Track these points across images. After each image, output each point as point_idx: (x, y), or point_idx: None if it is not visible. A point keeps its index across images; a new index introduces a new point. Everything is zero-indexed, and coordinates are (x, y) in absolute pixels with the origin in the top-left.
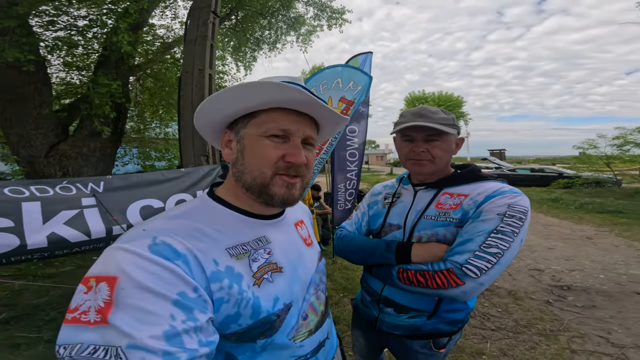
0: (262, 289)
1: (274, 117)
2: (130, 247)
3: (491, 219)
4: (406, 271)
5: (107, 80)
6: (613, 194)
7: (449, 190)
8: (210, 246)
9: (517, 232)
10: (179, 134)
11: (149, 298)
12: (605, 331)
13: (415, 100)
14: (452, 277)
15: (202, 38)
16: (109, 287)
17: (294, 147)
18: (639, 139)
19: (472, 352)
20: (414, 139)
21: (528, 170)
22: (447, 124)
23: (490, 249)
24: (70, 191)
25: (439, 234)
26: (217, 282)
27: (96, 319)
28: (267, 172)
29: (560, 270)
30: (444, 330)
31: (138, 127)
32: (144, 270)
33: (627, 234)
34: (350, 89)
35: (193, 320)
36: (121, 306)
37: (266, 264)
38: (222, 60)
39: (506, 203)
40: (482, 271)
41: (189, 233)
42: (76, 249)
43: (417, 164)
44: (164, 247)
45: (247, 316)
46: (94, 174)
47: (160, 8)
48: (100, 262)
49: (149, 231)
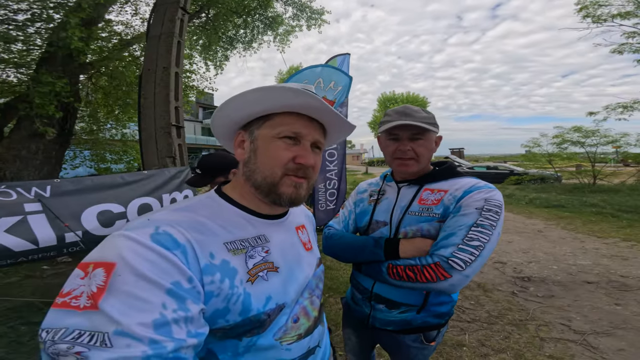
0: (255, 287)
1: (288, 120)
2: (132, 235)
3: (470, 213)
4: (396, 267)
5: (52, 79)
6: (555, 190)
7: (429, 187)
8: (209, 239)
9: (494, 225)
10: (140, 135)
11: (143, 285)
12: (566, 319)
13: (386, 100)
14: (439, 270)
15: (168, 35)
16: (106, 272)
17: (304, 150)
18: (574, 138)
19: (453, 344)
20: (400, 138)
21: (484, 168)
22: (429, 123)
23: (472, 242)
24: (10, 196)
25: (424, 229)
26: (209, 276)
27: (86, 304)
28: (278, 171)
29: (519, 262)
30: (433, 323)
31: (90, 127)
32: (143, 257)
33: (571, 227)
34: (331, 89)
35: (184, 310)
36: (114, 292)
37: (263, 262)
38: (190, 58)
39: (483, 198)
40: (467, 264)
41: (191, 225)
42: (22, 259)
43: (403, 164)
44: (165, 237)
45: (236, 312)
46: (37, 178)
47: (119, 3)
48: (101, 247)
49: (153, 221)
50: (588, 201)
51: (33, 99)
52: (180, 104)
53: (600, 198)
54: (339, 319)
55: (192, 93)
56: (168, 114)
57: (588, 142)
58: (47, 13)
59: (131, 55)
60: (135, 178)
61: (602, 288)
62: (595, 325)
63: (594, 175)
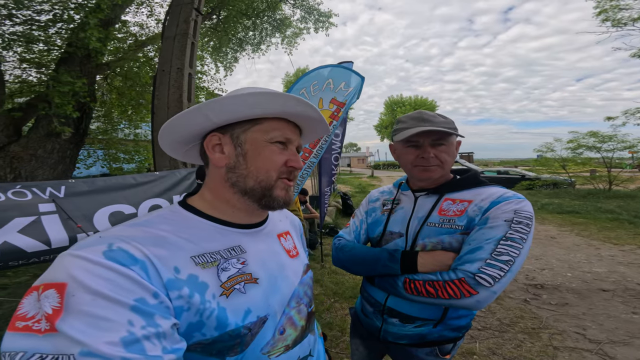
0: (231, 300)
1: (278, 125)
2: (81, 254)
3: (499, 225)
4: (413, 281)
5: (71, 78)
6: (569, 195)
7: (450, 196)
8: (171, 253)
9: (525, 238)
10: (152, 136)
11: (103, 304)
12: (581, 327)
13: (393, 104)
14: (464, 286)
15: (182, 35)
16: (59, 294)
17: (294, 154)
18: (590, 143)
19: (463, 352)
20: (421, 145)
21: (495, 173)
22: (451, 127)
23: (502, 257)
24: (25, 196)
25: (445, 242)
26: (176, 290)
27: (46, 327)
28: (274, 175)
29: (532, 269)
30: (449, 337)
31: (105, 127)
32: (96, 276)
33: (585, 234)
34: (341, 90)
35: (154, 326)
36: (72, 313)
37: (239, 274)
38: (201, 60)
39: (512, 209)
40: (496, 280)
41: (149, 240)
42: (34, 259)
43: (426, 170)
44: (120, 253)
45: (212, 327)
46: (51, 177)
47: (135, 4)
48: (50, 269)
49: (106, 238)
50: (603, 207)
51: (53, 99)
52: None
53: (616, 204)
54: (344, 324)
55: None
56: None
57: (604, 147)
58: (69, 14)
59: (145, 56)
60: (147, 179)
61: (619, 296)
62: (612, 334)
63: (610, 181)
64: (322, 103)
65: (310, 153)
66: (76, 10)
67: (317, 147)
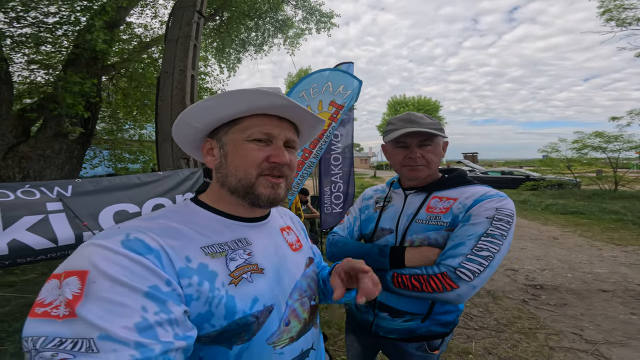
0: (239, 289)
1: (257, 122)
2: (102, 243)
3: (481, 222)
4: (400, 276)
5: (80, 79)
6: (573, 196)
7: (438, 194)
8: (183, 244)
9: (505, 235)
10: (156, 136)
11: (120, 290)
12: (578, 328)
13: (396, 104)
14: (446, 280)
15: (184, 38)
16: (80, 280)
17: (277, 149)
18: (595, 143)
19: (459, 352)
20: (409, 145)
21: (499, 173)
22: (436, 128)
23: (482, 252)
24: (34, 195)
25: (431, 238)
26: (187, 278)
27: (64, 313)
28: (253, 172)
29: (532, 269)
30: (437, 332)
31: (111, 128)
32: (115, 263)
33: (588, 234)
34: (340, 93)
35: (166, 313)
36: (92, 299)
37: (245, 264)
38: (205, 61)
39: (494, 207)
40: (475, 274)
41: (163, 231)
42: (41, 257)
43: (413, 169)
44: (136, 243)
45: (221, 316)
46: (58, 177)
47: (139, 6)
48: (71, 257)
49: (124, 229)
50: (608, 208)
51: (63, 99)
52: None
53: (622, 205)
54: (341, 322)
55: (205, 95)
56: None
57: (610, 148)
58: (75, 16)
59: (149, 57)
60: (151, 179)
61: (618, 297)
62: (609, 335)
63: (616, 182)
64: (321, 105)
65: (310, 153)
66: (82, 13)
67: (317, 147)
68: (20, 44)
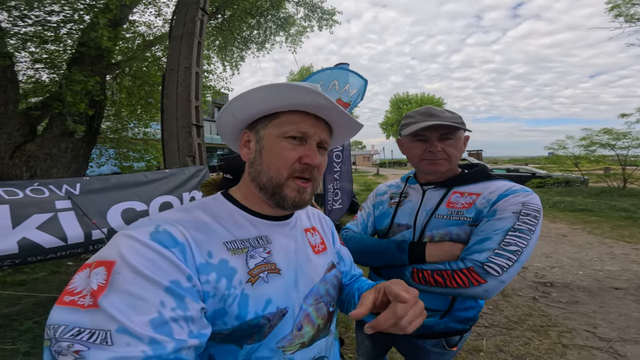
0: (255, 288)
1: (294, 119)
2: (132, 233)
3: (507, 217)
4: (421, 271)
5: (84, 77)
6: (581, 193)
7: (459, 189)
8: (208, 238)
9: (533, 230)
10: (162, 134)
11: (142, 283)
12: (591, 326)
13: (399, 101)
14: (473, 275)
15: (189, 35)
16: (107, 271)
17: (311, 150)
18: (603, 140)
19: (469, 349)
20: (429, 139)
21: (504, 171)
22: (458, 122)
23: (510, 247)
24: (43, 193)
25: (453, 233)
26: (205, 275)
27: (89, 303)
28: (284, 172)
29: (542, 267)
30: (456, 329)
31: (116, 126)
32: (141, 255)
33: (598, 232)
34: (346, 91)
35: (183, 309)
36: (115, 290)
37: (264, 262)
38: (208, 59)
39: (520, 201)
40: (504, 269)
41: (192, 224)
42: (51, 255)
43: (433, 163)
44: (163, 235)
45: (233, 316)
46: (65, 176)
47: (142, 4)
48: (106, 246)
49: (155, 220)
50: (617, 205)
51: (65, 97)
52: (200, 104)
53: (631, 202)
54: (349, 320)
55: (209, 93)
56: (189, 114)
57: (619, 145)
58: (79, 14)
59: (153, 56)
60: (158, 177)
61: (631, 294)
62: (623, 333)
63: (624, 179)
64: None
65: None
66: (86, 11)
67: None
68: (26, 41)
